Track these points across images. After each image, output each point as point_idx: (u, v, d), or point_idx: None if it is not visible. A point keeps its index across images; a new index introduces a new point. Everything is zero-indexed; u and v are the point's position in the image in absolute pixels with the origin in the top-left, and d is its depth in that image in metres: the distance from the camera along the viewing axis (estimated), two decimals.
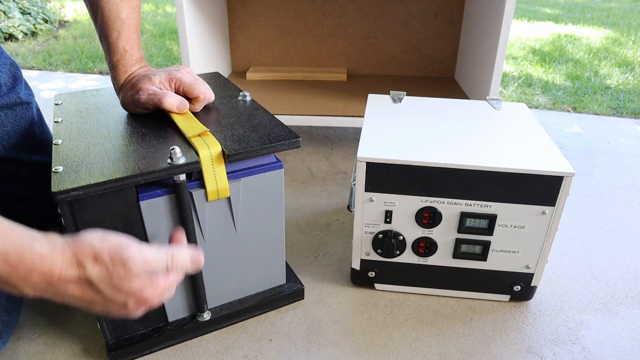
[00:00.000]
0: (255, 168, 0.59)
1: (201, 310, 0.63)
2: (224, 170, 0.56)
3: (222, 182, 0.56)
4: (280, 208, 0.63)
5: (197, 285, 0.61)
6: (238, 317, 0.67)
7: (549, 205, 0.62)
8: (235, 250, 0.63)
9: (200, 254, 0.51)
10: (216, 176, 0.55)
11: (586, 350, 0.64)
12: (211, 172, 0.55)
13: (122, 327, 0.60)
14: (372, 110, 0.78)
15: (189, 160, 0.53)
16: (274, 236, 0.65)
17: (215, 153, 0.55)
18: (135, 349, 0.60)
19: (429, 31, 1.34)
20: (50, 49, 2.18)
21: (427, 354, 0.62)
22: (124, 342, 0.60)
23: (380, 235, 0.67)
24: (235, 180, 0.58)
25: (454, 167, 0.61)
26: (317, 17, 1.35)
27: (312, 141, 1.28)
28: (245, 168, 0.58)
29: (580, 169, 1.14)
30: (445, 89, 1.29)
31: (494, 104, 0.81)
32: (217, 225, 0.60)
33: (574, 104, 1.58)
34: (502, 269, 0.68)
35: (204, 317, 0.64)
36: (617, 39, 2.54)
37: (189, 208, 0.56)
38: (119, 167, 0.51)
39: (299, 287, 0.71)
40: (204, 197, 0.57)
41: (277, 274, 0.69)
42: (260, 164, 0.59)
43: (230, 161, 0.54)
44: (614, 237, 0.88)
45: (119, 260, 0.43)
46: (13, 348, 0.63)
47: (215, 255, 0.62)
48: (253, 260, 0.65)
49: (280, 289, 0.70)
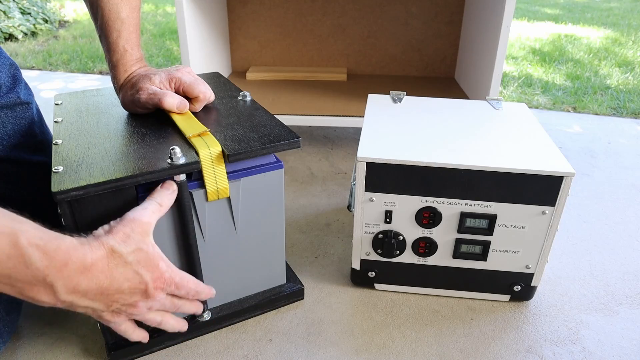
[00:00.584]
0: (255, 168, 0.59)
1: (202, 310, 0.63)
2: (224, 170, 0.56)
3: (222, 182, 0.56)
4: (280, 208, 0.63)
5: None
6: (238, 317, 0.67)
7: (549, 205, 0.62)
8: (235, 250, 0.63)
9: (211, 289, 0.58)
10: (216, 176, 0.55)
11: (586, 350, 0.64)
12: (211, 172, 0.55)
13: None
14: (372, 110, 0.78)
15: (189, 160, 0.53)
16: (274, 236, 0.65)
17: (215, 153, 0.54)
18: (135, 349, 0.60)
19: (429, 31, 1.34)
20: (50, 49, 2.18)
21: (427, 354, 0.62)
22: (123, 342, 0.60)
23: (380, 235, 0.67)
24: (235, 180, 0.58)
25: (454, 167, 0.61)
26: (317, 17, 1.35)
27: (312, 141, 1.28)
28: (245, 168, 0.58)
29: (580, 169, 1.14)
30: (445, 89, 1.29)
31: (494, 104, 0.81)
32: (217, 225, 0.60)
33: (574, 104, 1.58)
34: (502, 269, 0.68)
35: (204, 317, 0.64)
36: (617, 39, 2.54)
37: (189, 208, 0.56)
38: (119, 167, 0.51)
39: (299, 287, 0.71)
40: (204, 197, 0.57)
41: (277, 274, 0.69)
42: (260, 164, 0.59)
43: (230, 161, 0.54)
44: (614, 237, 0.88)
45: (129, 220, 0.49)
46: (13, 348, 0.63)
47: (215, 255, 0.62)
48: (253, 260, 0.65)
49: (280, 289, 0.70)
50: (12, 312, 0.62)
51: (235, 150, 0.54)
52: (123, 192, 0.52)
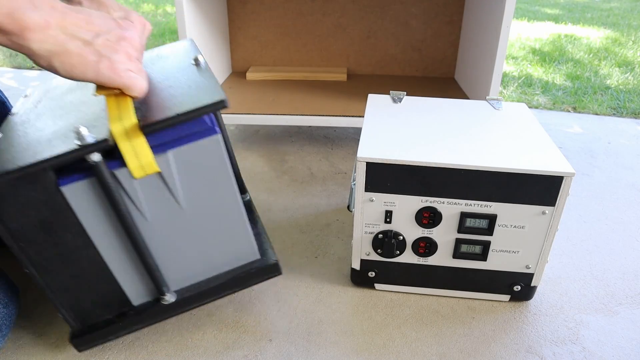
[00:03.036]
0: (184, 137, 0.53)
1: (162, 293, 0.61)
2: (145, 144, 0.51)
3: (144, 156, 0.52)
4: (228, 177, 0.57)
5: (150, 267, 0.58)
6: (207, 297, 0.63)
7: (549, 205, 0.62)
8: (185, 226, 0.59)
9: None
10: (136, 151, 0.51)
11: (586, 350, 0.64)
12: (129, 147, 0.51)
13: (85, 314, 0.59)
14: (372, 110, 0.78)
15: (98, 138, 0.48)
16: (227, 209, 0.59)
17: (129, 125, 0.49)
18: (100, 334, 0.59)
19: (429, 31, 1.35)
20: None
21: (427, 354, 0.63)
22: (88, 328, 0.59)
23: (380, 235, 0.67)
24: (162, 154, 0.53)
25: (454, 167, 0.61)
26: (317, 17, 1.35)
27: (312, 141, 1.28)
28: (171, 140, 0.53)
29: (580, 169, 1.14)
30: (445, 89, 1.29)
31: (494, 104, 0.81)
32: (156, 202, 0.56)
33: (574, 104, 1.58)
34: (502, 269, 0.68)
35: (168, 299, 0.61)
36: (617, 39, 2.54)
37: (115, 189, 0.52)
38: (28, 154, 0.49)
39: (272, 261, 0.64)
40: (129, 175, 0.52)
41: (245, 250, 0.64)
42: (189, 132, 0.53)
43: (145, 133, 0.50)
44: (614, 237, 0.88)
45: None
46: (13, 348, 0.63)
47: (164, 233, 0.58)
48: (211, 237, 0.61)
49: (251, 265, 0.64)
50: (10, 305, 0.62)
51: (151, 121, 0.50)
52: (39, 180, 0.50)
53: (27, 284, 0.72)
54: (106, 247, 0.57)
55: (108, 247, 0.57)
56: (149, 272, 0.59)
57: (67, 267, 0.57)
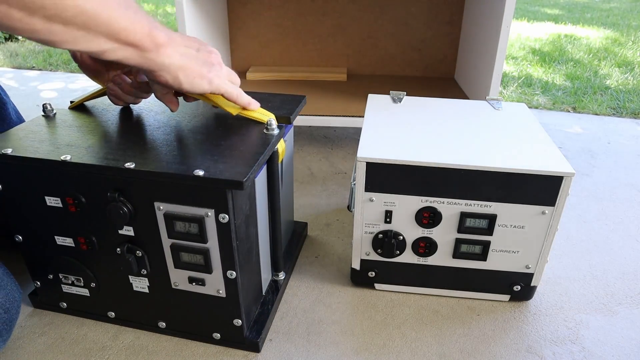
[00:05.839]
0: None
1: (278, 270, 0.69)
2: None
3: (262, 114, 0.63)
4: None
5: (278, 244, 0.68)
6: None
7: (549, 205, 0.62)
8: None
9: None
10: (255, 115, 0.62)
11: (586, 350, 0.64)
12: (249, 113, 0.62)
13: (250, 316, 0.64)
14: (372, 110, 0.78)
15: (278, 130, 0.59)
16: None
17: (240, 107, 0.62)
18: (264, 329, 0.64)
19: (429, 31, 1.35)
20: (50, 49, 2.18)
21: (427, 354, 0.63)
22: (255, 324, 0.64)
23: (380, 235, 0.67)
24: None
25: (454, 167, 0.61)
26: (317, 17, 1.35)
27: (312, 141, 1.28)
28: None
29: (580, 169, 1.14)
30: (445, 89, 1.29)
31: (494, 104, 0.81)
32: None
33: (574, 104, 1.58)
34: (502, 269, 0.68)
35: (280, 276, 0.72)
36: (617, 39, 2.54)
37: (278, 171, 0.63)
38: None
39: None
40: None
41: None
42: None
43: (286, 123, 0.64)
44: (614, 237, 0.88)
45: None
46: (13, 348, 0.63)
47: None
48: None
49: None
50: (11, 310, 0.62)
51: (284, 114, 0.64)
52: None
53: (27, 284, 0.72)
54: (263, 236, 0.64)
55: (264, 235, 0.65)
56: (275, 252, 0.69)
57: (248, 262, 0.60)
